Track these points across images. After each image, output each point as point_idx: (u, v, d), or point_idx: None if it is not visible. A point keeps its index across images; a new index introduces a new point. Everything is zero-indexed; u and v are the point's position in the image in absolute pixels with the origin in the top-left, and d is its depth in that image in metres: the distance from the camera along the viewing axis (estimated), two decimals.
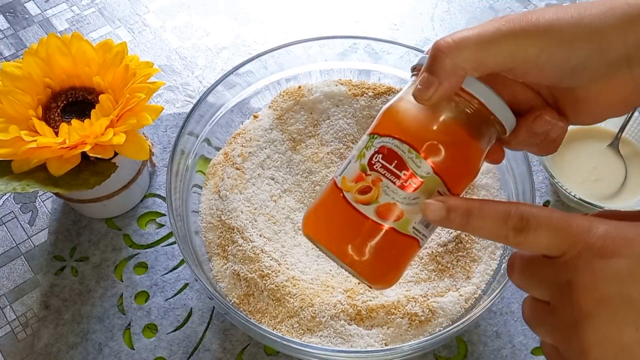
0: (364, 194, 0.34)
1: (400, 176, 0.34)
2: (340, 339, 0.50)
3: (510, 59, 0.33)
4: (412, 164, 0.34)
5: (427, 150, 0.34)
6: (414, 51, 0.60)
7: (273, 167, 0.60)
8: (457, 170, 0.35)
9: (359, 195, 0.34)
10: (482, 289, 0.53)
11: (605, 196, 0.60)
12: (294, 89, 0.62)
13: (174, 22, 0.80)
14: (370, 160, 0.35)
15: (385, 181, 0.34)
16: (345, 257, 0.35)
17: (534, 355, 0.54)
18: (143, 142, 0.53)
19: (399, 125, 0.35)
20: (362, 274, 0.36)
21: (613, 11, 0.32)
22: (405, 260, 0.37)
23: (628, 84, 0.34)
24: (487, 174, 0.58)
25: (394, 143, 0.34)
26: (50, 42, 0.55)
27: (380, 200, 0.34)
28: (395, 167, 0.34)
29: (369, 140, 0.36)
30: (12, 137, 0.50)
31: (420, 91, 0.34)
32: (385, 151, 0.34)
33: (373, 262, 0.35)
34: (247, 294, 0.52)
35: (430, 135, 0.34)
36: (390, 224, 0.34)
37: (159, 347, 0.54)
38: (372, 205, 0.34)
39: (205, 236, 0.56)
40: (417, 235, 0.35)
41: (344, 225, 0.35)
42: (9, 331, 0.56)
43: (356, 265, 0.35)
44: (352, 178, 0.35)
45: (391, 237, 0.34)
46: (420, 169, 0.34)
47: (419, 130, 0.34)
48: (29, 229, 0.62)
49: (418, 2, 0.82)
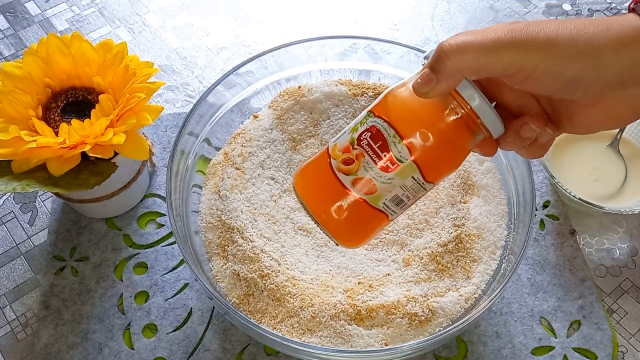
0: (346, 164, 0.38)
1: (381, 156, 0.37)
2: (340, 339, 0.50)
3: (508, 68, 0.35)
4: (394, 148, 0.37)
5: (410, 139, 0.37)
6: (414, 51, 0.60)
7: (273, 167, 0.60)
8: (435, 162, 0.38)
9: (342, 164, 0.38)
10: (482, 289, 0.53)
11: (605, 196, 0.60)
12: (294, 89, 0.62)
13: (174, 22, 0.80)
14: (360, 136, 0.38)
15: (367, 158, 0.38)
16: (320, 216, 0.39)
17: (534, 355, 0.54)
18: (143, 142, 0.53)
19: (393, 110, 0.38)
20: (333, 234, 0.40)
21: (609, 31, 0.34)
22: (373, 229, 0.41)
23: (621, 102, 0.36)
24: (487, 174, 0.59)
25: (383, 125, 0.37)
26: (50, 42, 0.55)
27: (358, 174, 0.38)
28: (379, 148, 0.37)
29: (365, 116, 0.39)
30: (12, 137, 0.50)
31: (419, 85, 0.36)
32: (374, 131, 0.38)
33: (343, 225, 0.39)
34: (247, 294, 0.52)
35: (416, 126, 0.37)
36: (363, 196, 0.38)
37: (159, 347, 0.54)
38: (351, 176, 0.38)
39: (205, 236, 0.56)
40: (387, 211, 0.39)
41: (324, 187, 0.39)
42: (9, 331, 0.56)
43: (328, 225, 0.39)
44: (341, 148, 0.39)
45: (362, 208, 0.39)
46: (400, 154, 0.37)
47: (407, 119, 0.37)
48: (28, 229, 0.62)
49: (418, 2, 0.82)
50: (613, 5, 0.82)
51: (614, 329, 0.56)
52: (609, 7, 0.82)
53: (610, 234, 0.62)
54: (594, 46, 0.34)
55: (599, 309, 0.57)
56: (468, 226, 0.55)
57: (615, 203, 0.60)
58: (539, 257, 0.59)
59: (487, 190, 0.58)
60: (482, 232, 0.55)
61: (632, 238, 0.62)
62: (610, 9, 0.82)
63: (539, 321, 0.56)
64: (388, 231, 0.57)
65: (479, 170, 0.59)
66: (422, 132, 0.37)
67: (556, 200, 0.63)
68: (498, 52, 0.34)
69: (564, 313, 0.56)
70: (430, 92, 0.36)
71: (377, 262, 0.55)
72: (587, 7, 0.82)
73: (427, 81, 0.36)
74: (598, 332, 0.55)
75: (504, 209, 0.57)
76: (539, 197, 0.63)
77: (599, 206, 0.57)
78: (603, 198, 0.60)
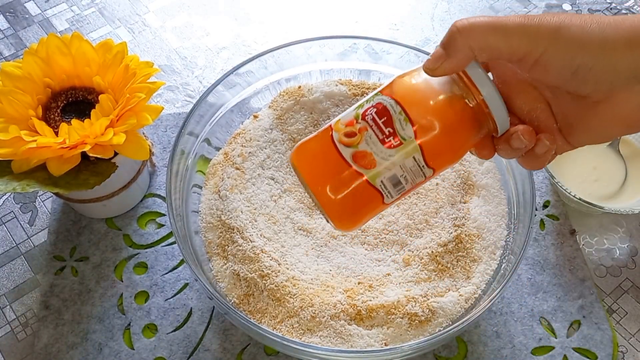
0: (348, 137, 0.38)
1: (384, 131, 0.37)
2: (340, 339, 0.50)
3: (517, 50, 0.35)
4: (399, 124, 0.37)
5: (415, 117, 0.37)
6: (414, 51, 0.60)
7: (273, 167, 0.60)
8: (438, 146, 0.38)
9: (344, 137, 0.38)
10: (482, 289, 0.53)
11: (605, 196, 0.60)
12: (294, 89, 0.62)
13: (174, 22, 0.80)
14: (365, 111, 0.38)
15: (370, 132, 0.37)
16: (316, 188, 0.39)
17: (534, 355, 0.54)
18: (143, 142, 0.53)
19: (401, 89, 0.38)
20: (327, 211, 0.39)
21: (622, 24, 0.34)
22: (367, 209, 0.40)
23: (631, 101, 0.35)
24: (487, 174, 0.59)
25: (390, 103, 0.37)
26: (50, 42, 0.55)
27: (359, 147, 0.37)
28: (383, 123, 0.37)
29: (373, 96, 0.39)
30: (12, 137, 0.50)
31: (429, 61, 0.36)
32: (380, 107, 0.38)
33: (338, 201, 0.38)
34: (247, 294, 0.52)
35: (424, 107, 0.37)
36: (361, 170, 0.38)
37: (159, 347, 0.54)
38: (351, 148, 0.38)
39: (205, 236, 0.56)
40: (383, 190, 0.39)
41: (323, 160, 0.39)
42: (9, 331, 0.56)
43: (323, 200, 0.39)
44: (345, 122, 0.39)
45: (359, 183, 0.38)
46: (404, 131, 0.37)
47: (415, 100, 0.37)
48: (28, 229, 0.62)
49: (418, 2, 0.82)
50: (613, 5, 0.82)
51: (614, 329, 0.56)
52: (609, 7, 0.82)
53: (610, 234, 0.62)
54: (606, 35, 0.33)
55: (599, 309, 0.57)
56: (468, 226, 0.55)
57: (615, 203, 0.60)
58: (539, 257, 0.59)
59: (487, 190, 0.58)
60: (482, 232, 0.55)
61: (632, 238, 0.62)
62: (610, 8, 0.82)
63: (539, 321, 0.56)
64: (388, 231, 0.57)
65: (479, 170, 0.59)
66: (429, 114, 0.37)
67: (556, 200, 0.63)
68: (509, 32, 0.34)
69: (564, 313, 0.56)
70: (439, 68, 0.36)
71: (377, 262, 0.55)
72: (587, 7, 0.82)
73: (437, 57, 0.36)
74: (598, 332, 0.55)
75: (504, 209, 0.57)
76: (539, 197, 0.63)
77: (599, 206, 0.57)
78: (603, 198, 0.60)
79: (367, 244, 0.56)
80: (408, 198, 0.58)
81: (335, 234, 0.57)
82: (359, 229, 0.57)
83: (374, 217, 0.58)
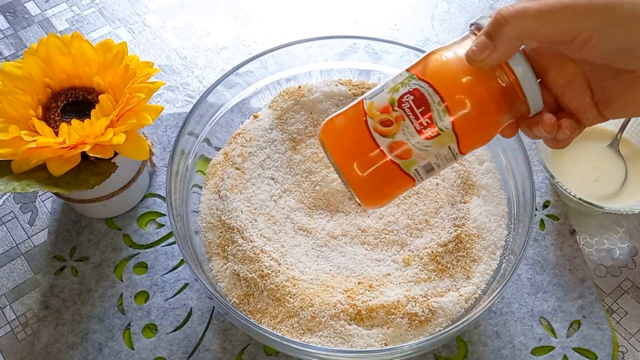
0: (384, 126, 0.37)
1: (422, 123, 0.37)
2: (340, 339, 0.50)
3: (566, 33, 0.34)
4: (437, 115, 0.36)
5: (454, 107, 0.36)
6: (414, 51, 0.60)
7: (273, 167, 0.60)
8: (474, 134, 0.38)
9: (380, 125, 0.37)
10: (482, 289, 0.53)
11: (605, 196, 0.60)
12: (294, 89, 0.62)
13: (174, 22, 0.80)
14: (401, 97, 0.37)
15: (407, 122, 0.37)
16: (347, 171, 0.38)
17: (534, 355, 0.54)
18: (143, 142, 0.53)
19: (439, 75, 0.37)
20: (357, 191, 0.39)
21: None
22: (398, 192, 0.41)
23: None
24: (487, 174, 0.59)
25: (428, 91, 0.36)
26: (50, 42, 0.55)
27: (396, 137, 0.37)
28: (421, 113, 0.36)
29: (407, 78, 0.38)
30: (12, 137, 0.50)
31: (474, 52, 0.35)
32: (417, 94, 0.37)
33: (369, 184, 0.39)
34: (247, 294, 0.52)
35: (462, 94, 0.36)
36: (397, 160, 0.37)
37: (159, 347, 0.54)
38: (388, 138, 0.37)
39: (205, 236, 0.56)
40: (416, 177, 0.39)
41: (357, 144, 0.38)
42: (9, 331, 0.56)
43: (354, 182, 0.39)
44: (379, 107, 0.38)
45: (393, 171, 0.38)
46: (442, 122, 0.36)
47: (454, 87, 0.36)
48: (28, 229, 0.62)
49: (418, 2, 0.82)
50: None
51: (614, 329, 0.56)
52: None
53: (610, 234, 0.62)
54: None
55: (599, 309, 0.57)
56: (468, 226, 0.55)
57: (615, 203, 0.60)
58: (539, 257, 0.59)
59: (487, 190, 0.58)
60: (482, 232, 0.55)
61: (632, 238, 0.62)
62: None
63: (539, 321, 0.56)
64: (388, 231, 0.57)
65: (479, 170, 0.59)
66: (466, 101, 0.36)
67: (556, 200, 0.63)
68: (557, 16, 0.33)
69: (564, 313, 0.56)
70: (486, 59, 0.35)
71: (377, 262, 0.55)
72: None
73: (483, 48, 0.35)
74: (598, 332, 0.55)
75: (504, 209, 0.57)
76: (539, 197, 0.63)
77: (599, 206, 0.57)
78: (603, 198, 0.60)
79: (367, 244, 0.56)
80: (408, 198, 0.58)
81: (335, 234, 0.57)
82: (359, 229, 0.57)
83: (375, 217, 0.58)
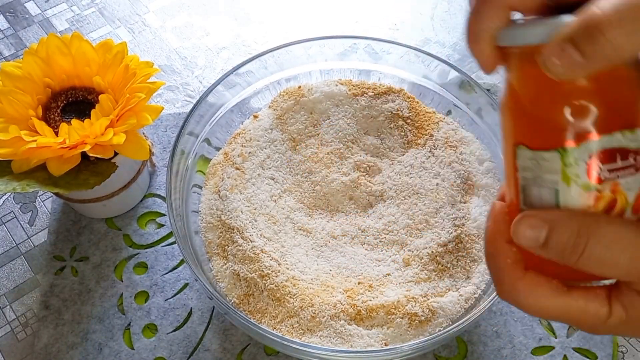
0: (612, 209, 0.30)
1: (632, 164, 0.29)
2: (340, 339, 0.50)
3: None
4: (632, 142, 0.29)
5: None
6: (414, 51, 0.60)
7: (273, 167, 0.60)
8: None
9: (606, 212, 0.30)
10: (482, 289, 0.53)
11: None
12: (294, 89, 0.62)
13: (174, 22, 0.80)
14: (589, 173, 0.29)
15: (622, 180, 0.30)
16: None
17: (534, 355, 0.54)
18: (143, 142, 0.53)
19: (601, 116, 0.29)
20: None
21: None
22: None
23: None
24: (487, 174, 0.59)
25: (604, 140, 0.29)
26: (50, 42, 0.55)
27: (630, 201, 0.30)
28: (621, 160, 0.29)
29: (566, 156, 0.30)
30: (12, 137, 0.50)
31: (562, 68, 0.26)
32: (601, 155, 0.29)
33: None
34: (247, 294, 0.52)
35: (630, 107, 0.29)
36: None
37: (159, 347, 0.54)
38: (628, 210, 0.30)
39: (205, 236, 0.56)
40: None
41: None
42: (8, 331, 0.56)
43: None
44: (585, 205, 0.30)
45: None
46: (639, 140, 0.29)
47: (620, 110, 0.29)
48: (28, 229, 0.62)
49: (418, 2, 0.82)
50: None
51: None
52: None
53: None
54: None
55: None
56: (468, 226, 0.55)
57: None
58: None
59: (487, 190, 0.58)
60: (482, 232, 0.55)
61: None
62: None
63: (539, 321, 0.56)
64: (388, 231, 0.57)
65: (479, 170, 0.59)
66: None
67: None
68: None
69: None
70: (577, 74, 0.26)
71: (377, 262, 0.55)
72: None
73: (571, 64, 0.26)
74: None
75: None
76: None
77: None
78: None
79: (367, 244, 0.56)
80: (408, 198, 0.58)
81: (335, 234, 0.57)
82: (359, 229, 0.57)
83: (375, 217, 0.58)
